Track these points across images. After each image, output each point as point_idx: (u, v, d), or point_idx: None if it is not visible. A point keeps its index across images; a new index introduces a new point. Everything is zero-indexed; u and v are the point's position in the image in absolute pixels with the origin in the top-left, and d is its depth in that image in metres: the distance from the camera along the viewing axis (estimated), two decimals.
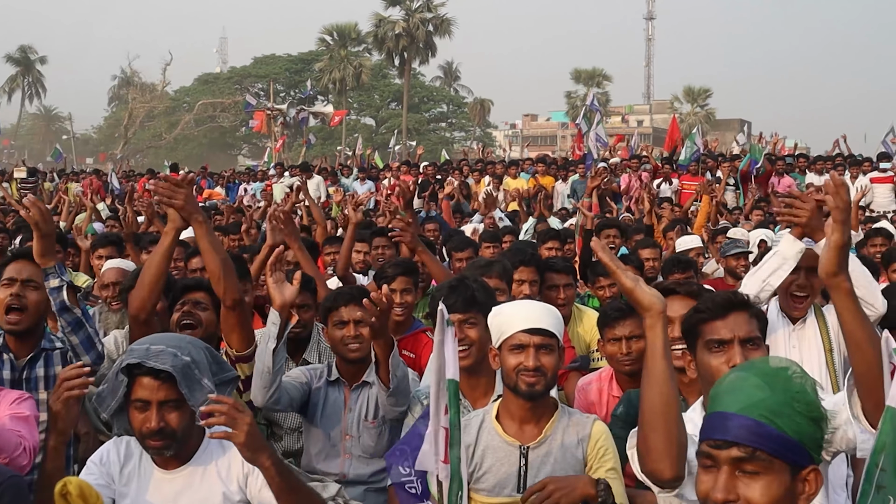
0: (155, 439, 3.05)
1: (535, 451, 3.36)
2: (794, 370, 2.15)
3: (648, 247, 7.96)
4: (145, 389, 3.03)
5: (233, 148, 78.16)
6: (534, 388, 3.31)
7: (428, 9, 63.30)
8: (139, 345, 3.12)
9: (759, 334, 3.02)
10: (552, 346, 3.37)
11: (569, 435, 3.42)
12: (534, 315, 3.40)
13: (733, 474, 2.07)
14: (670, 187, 17.16)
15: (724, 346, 2.98)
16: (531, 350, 3.33)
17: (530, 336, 3.34)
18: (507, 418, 3.42)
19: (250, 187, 22.33)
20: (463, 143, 75.30)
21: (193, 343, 3.23)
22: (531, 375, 3.30)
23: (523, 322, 3.37)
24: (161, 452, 3.10)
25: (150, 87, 71.37)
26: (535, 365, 3.30)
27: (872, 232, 8.88)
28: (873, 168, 16.97)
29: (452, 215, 13.29)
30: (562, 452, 3.38)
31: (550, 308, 3.54)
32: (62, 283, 4.04)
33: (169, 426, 3.04)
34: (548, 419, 3.42)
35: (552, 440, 3.39)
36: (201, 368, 3.12)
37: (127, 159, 48.78)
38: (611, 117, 77.17)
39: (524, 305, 3.56)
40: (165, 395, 3.03)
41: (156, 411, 3.02)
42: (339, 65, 65.07)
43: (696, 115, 69.59)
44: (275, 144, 36.48)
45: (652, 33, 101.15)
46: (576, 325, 5.88)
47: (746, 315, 3.03)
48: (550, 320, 3.40)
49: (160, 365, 3.00)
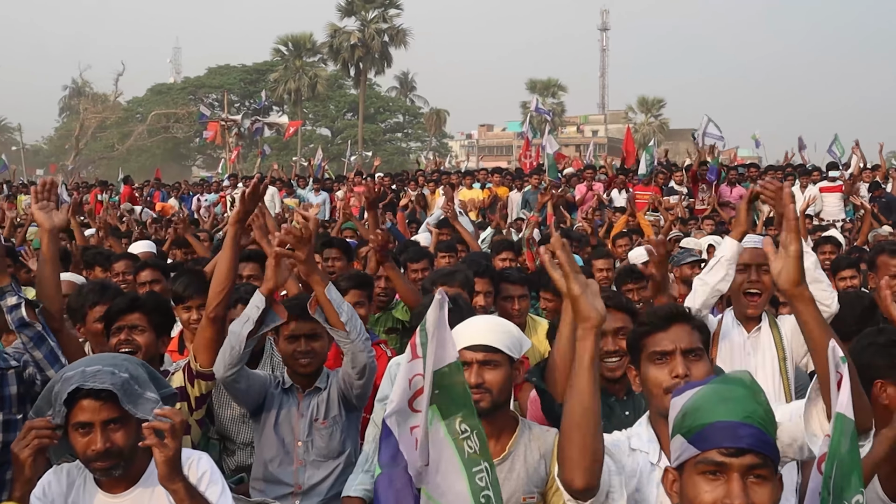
0: (102, 461, 2.96)
1: (498, 468, 3.33)
2: (757, 383, 2.21)
3: (602, 257, 8.02)
4: (86, 411, 2.94)
5: (187, 159, 77.46)
6: (478, 405, 3.26)
7: (384, 19, 63.31)
8: (73, 369, 3.03)
9: (700, 345, 3.05)
10: (497, 361, 3.35)
11: (531, 450, 3.41)
12: (477, 332, 3.39)
13: (744, 481, 2.12)
14: (624, 196, 17.31)
15: (667, 358, 2.99)
16: (474, 367, 3.31)
17: (473, 353, 3.33)
18: None
19: (204, 198, 22.15)
20: (419, 153, 75.41)
21: (129, 360, 3.15)
22: (475, 392, 3.26)
23: (467, 339, 3.35)
24: (109, 474, 3.01)
25: (102, 97, 70.48)
26: (476, 381, 3.29)
27: (822, 240, 9.00)
28: (822, 177, 17.24)
29: (408, 226, 13.27)
30: (525, 468, 3.38)
31: (499, 323, 3.53)
32: (19, 300, 3.93)
33: (115, 446, 2.96)
34: (509, 435, 3.41)
35: (515, 456, 3.39)
36: (141, 382, 3.05)
37: (78, 171, 48.16)
38: (566, 127, 77.82)
39: (471, 322, 3.53)
40: (108, 414, 2.95)
41: (100, 432, 2.94)
42: (294, 75, 64.83)
43: (651, 125, 70.38)
44: (229, 155, 36.24)
45: (606, 44, 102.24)
46: (530, 336, 5.87)
47: (688, 327, 3.05)
48: (495, 336, 3.38)
49: (99, 385, 2.92)
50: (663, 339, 3.01)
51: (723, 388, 2.20)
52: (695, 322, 3.11)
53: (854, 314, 4.92)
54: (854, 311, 4.96)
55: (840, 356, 2.54)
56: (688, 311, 3.16)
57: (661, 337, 3.02)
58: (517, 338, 3.47)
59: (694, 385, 2.29)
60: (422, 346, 2.93)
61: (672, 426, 2.28)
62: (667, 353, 2.99)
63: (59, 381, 3.02)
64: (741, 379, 2.22)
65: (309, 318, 4.20)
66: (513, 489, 3.34)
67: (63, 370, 3.09)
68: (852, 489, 2.44)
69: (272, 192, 19.95)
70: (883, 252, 6.01)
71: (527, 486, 3.37)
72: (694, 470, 2.18)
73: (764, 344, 4.60)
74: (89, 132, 63.51)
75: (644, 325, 3.12)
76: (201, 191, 23.32)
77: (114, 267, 7.22)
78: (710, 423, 2.14)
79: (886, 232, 11.79)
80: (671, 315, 3.06)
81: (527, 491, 3.37)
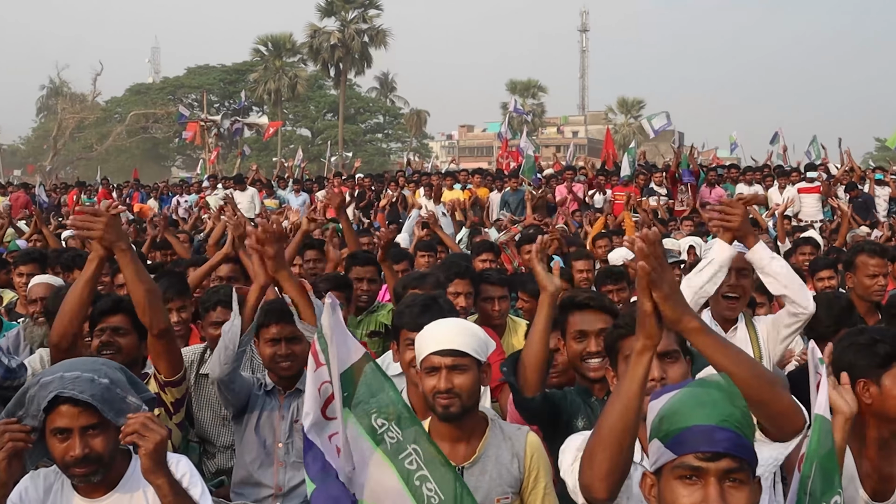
0: (80, 467, 2.94)
1: (469, 471, 3.35)
2: (734, 386, 2.20)
3: (582, 258, 7.99)
4: (65, 417, 2.92)
5: (166, 159, 77.03)
6: (448, 410, 3.29)
7: (364, 20, 63.13)
8: (51, 374, 2.99)
9: (677, 347, 3.03)
10: (465, 365, 3.33)
11: (503, 451, 3.41)
12: (445, 336, 3.37)
13: (721, 485, 2.11)
14: (603, 197, 17.37)
15: None
16: (443, 372, 3.30)
17: (441, 358, 3.32)
18: (438, 439, 3.37)
19: (184, 199, 22.05)
20: (399, 153, 75.30)
21: (108, 364, 3.13)
22: (444, 398, 3.28)
23: (435, 344, 3.35)
24: (87, 480, 2.99)
25: (80, 97, 69.93)
26: (446, 387, 3.28)
27: (801, 241, 9.07)
28: (801, 178, 17.35)
29: (387, 226, 13.26)
30: (497, 469, 3.38)
31: (467, 326, 3.51)
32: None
33: (94, 451, 2.94)
34: (480, 436, 3.41)
35: (486, 458, 3.38)
36: (122, 387, 3.03)
37: (56, 171, 47.82)
38: (546, 128, 77.91)
39: (437, 326, 3.49)
40: (87, 420, 2.92)
41: (79, 438, 2.92)
42: (273, 75, 64.60)
43: (630, 126, 70.50)
44: (209, 156, 36.08)
45: (586, 45, 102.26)
46: (510, 337, 5.89)
47: (665, 329, 3.04)
48: (463, 339, 3.36)
49: (79, 395, 2.89)
50: None
51: (699, 391, 2.19)
52: None
53: (831, 314, 4.96)
54: (831, 311, 4.99)
55: (819, 357, 2.56)
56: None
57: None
58: (483, 340, 3.46)
59: (671, 388, 2.27)
60: (323, 353, 2.91)
61: (649, 430, 2.27)
62: None
63: (36, 385, 2.98)
64: (718, 382, 2.21)
65: (289, 322, 4.21)
66: (486, 491, 3.34)
67: (41, 374, 3.06)
68: (831, 490, 2.46)
69: (252, 193, 19.91)
70: (862, 252, 6.02)
71: (500, 486, 3.37)
72: (671, 475, 2.17)
73: (741, 344, 4.60)
74: (67, 132, 63.08)
75: (620, 327, 3.11)
76: (181, 192, 23.20)
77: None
78: (687, 427, 2.13)
79: (864, 233, 11.89)
80: None
81: (500, 492, 3.37)
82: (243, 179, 21.00)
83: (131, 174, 28.98)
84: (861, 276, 5.88)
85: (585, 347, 3.77)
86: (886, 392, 3.13)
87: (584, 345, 3.78)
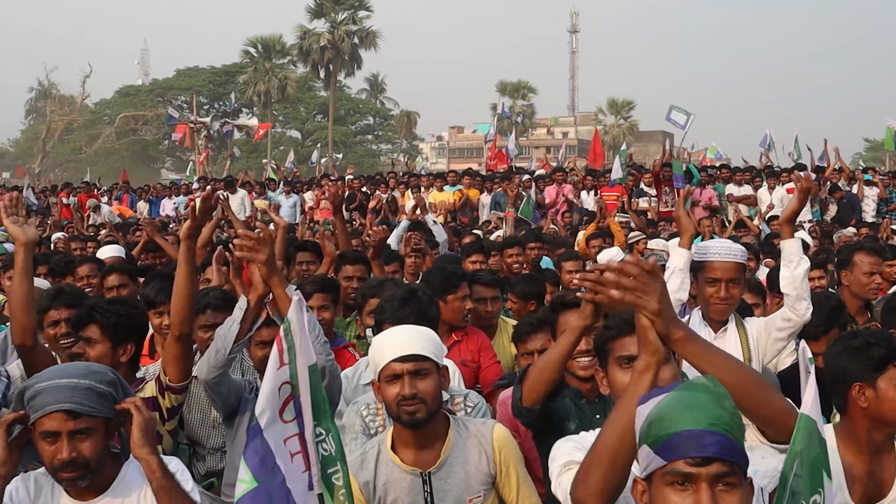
0: (67, 471, 2.94)
1: (437, 476, 3.34)
2: (722, 387, 2.19)
3: (571, 259, 7.99)
4: (54, 420, 2.92)
5: (156, 161, 76.83)
6: (414, 416, 3.27)
7: (353, 21, 63.07)
8: (46, 380, 2.98)
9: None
10: (427, 370, 3.32)
11: (470, 449, 3.40)
12: (404, 342, 3.35)
13: (713, 490, 2.09)
14: (593, 198, 17.36)
15: (633, 362, 2.85)
16: (406, 378, 3.28)
17: (403, 364, 3.30)
18: (402, 446, 3.38)
19: (172, 201, 22.02)
20: (390, 155, 75.27)
21: (104, 371, 3.12)
22: (409, 404, 3.26)
23: (395, 350, 3.32)
24: (75, 484, 2.99)
25: (69, 99, 69.63)
26: (410, 392, 3.26)
27: None
28: (790, 178, 17.39)
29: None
30: (465, 470, 3.37)
31: (423, 331, 3.48)
32: None
33: (81, 456, 2.94)
34: (443, 439, 3.39)
35: (452, 460, 3.37)
36: (118, 390, 3.06)
37: (45, 174, 47.61)
38: (536, 129, 77.97)
39: (394, 333, 3.48)
40: (75, 424, 2.93)
41: (66, 442, 2.92)
42: (263, 77, 64.51)
43: (620, 127, 70.65)
44: (198, 158, 35.97)
45: (576, 46, 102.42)
46: (501, 338, 5.89)
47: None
48: (423, 344, 3.35)
49: (77, 408, 2.91)
50: (630, 343, 2.95)
51: (687, 394, 2.16)
52: None
53: (821, 315, 4.98)
54: (822, 311, 5.01)
55: (809, 357, 2.55)
56: None
57: (628, 341, 2.99)
58: (439, 343, 3.45)
59: (659, 392, 2.23)
60: (289, 352, 2.86)
61: (638, 436, 2.24)
62: (633, 357, 2.90)
63: (32, 388, 2.99)
64: (705, 384, 2.18)
65: (278, 325, 4.19)
66: (457, 494, 3.33)
67: (36, 378, 3.04)
68: (813, 488, 2.46)
69: (242, 195, 19.91)
70: (860, 250, 6.20)
71: (470, 487, 3.36)
72: (662, 481, 2.15)
73: (730, 345, 4.62)
74: (56, 134, 62.89)
75: (610, 328, 3.09)
76: (170, 193, 23.16)
77: (77, 271, 7.15)
78: (676, 432, 2.11)
79: (851, 233, 11.96)
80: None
81: (472, 491, 3.37)
82: (234, 182, 20.99)
83: (120, 176, 28.87)
84: (858, 274, 6.02)
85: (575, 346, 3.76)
86: (882, 395, 3.11)
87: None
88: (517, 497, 3.44)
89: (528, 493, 3.40)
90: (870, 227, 12.80)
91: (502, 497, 3.47)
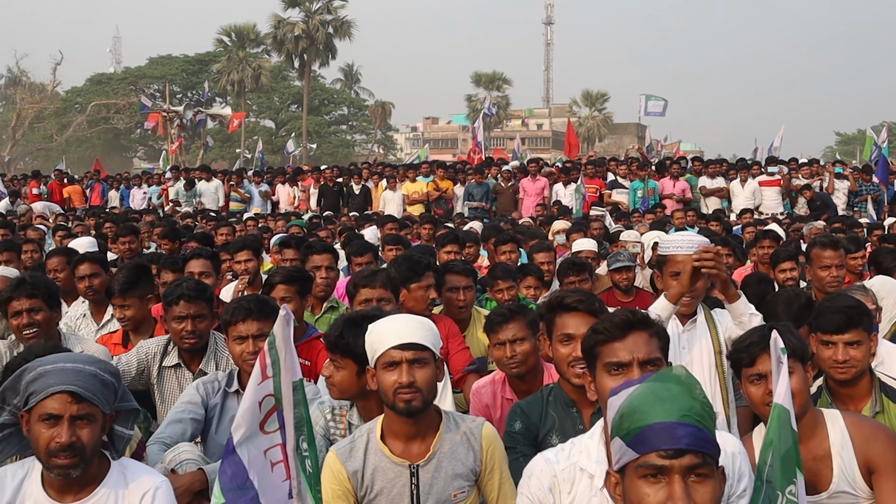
0: (64, 456, 2.90)
1: (424, 469, 3.33)
2: (693, 377, 2.20)
3: (542, 250, 7.97)
4: (56, 402, 2.89)
5: (128, 150, 76.18)
6: (411, 404, 3.23)
7: (328, 10, 62.76)
8: (51, 364, 2.97)
9: (659, 354, 2.91)
10: (426, 359, 3.29)
11: (458, 446, 3.39)
12: (404, 330, 3.32)
13: (685, 481, 2.10)
14: (568, 191, 17.42)
15: (623, 369, 2.86)
16: (404, 366, 3.25)
17: (402, 352, 3.26)
18: (391, 437, 3.36)
19: (143, 190, 21.87)
20: (364, 145, 75.08)
21: (108, 363, 3.13)
22: (407, 392, 3.22)
23: (394, 338, 3.29)
24: (68, 472, 2.94)
25: (40, 87, 68.76)
26: (408, 380, 3.23)
27: (761, 234, 9.15)
28: (762, 171, 17.55)
29: (351, 218, 13.22)
30: (452, 466, 3.36)
31: (422, 320, 3.46)
32: None
33: (79, 441, 2.91)
34: (434, 433, 3.37)
35: (440, 455, 3.36)
36: (116, 387, 3.07)
37: (15, 162, 47.11)
38: (511, 120, 78.00)
39: (394, 320, 3.44)
40: (79, 409, 2.90)
41: (67, 425, 2.88)
42: (237, 66, 64.02)
43: (594, 119, 70.79)
44: (171, 147, 35.71)
45: (551, 38, 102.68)
46: (475, 328, 5.89)
47: (646, 335, 2.90)
48: (422, 333, 3.32)
49: (82, 392, 2.90)
50: (620, 349, 2.88)
51: (658, 386, 2.16)
52: (654, 328, 2.95)
53: (791, 312, 5.03)
54: (791, 308, 5.07)
55: (781, 347, 2.58)
56: (646, 316, 2.99)
57: (617, 347, 2.88)
58: (436, 334, 3.43)
59: (630, 384, 2.23)
60: (273, 366, 2.80)
61: (611, 428, 2.24)
62: (623, 364, 2.86)
63: (34, 370, 2.96)
64: (676, 375, 2.18)
65: (258, 319, 4.17)
66: (442, 488, 3.33)
67: (38, 362, 3.01)
68: (787, 479, 2.49)
69: (216, 184, 19.87)
70: (815, 245, 6.33)
71: (456, 482, 3.35)
72: (635, 474, 2.14)
73: (700, 337, 4.60)
74: (26, 122, 62.10)
75: (599, 332, 2.95)
76: (140, 182, 22.96)
77: (47, 263, 7.14)
78: (648, 424, 2.10)
79: (821, 225, 12.07)
80: (628, 322, 2.91)
81: (457, 487, 3.36)
82: (210, 168, 20.90)
83: (92, 165, 28.59)
84: (816, 268, 6.17)
85: (572, 352, 3.66)
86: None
87: (571, 348, 3.67)
88: (497, 497, 3.43)
89: (510, 495, 3.39)
90: (842, 220, 12.93)
91: (483, 495, 3.47)
